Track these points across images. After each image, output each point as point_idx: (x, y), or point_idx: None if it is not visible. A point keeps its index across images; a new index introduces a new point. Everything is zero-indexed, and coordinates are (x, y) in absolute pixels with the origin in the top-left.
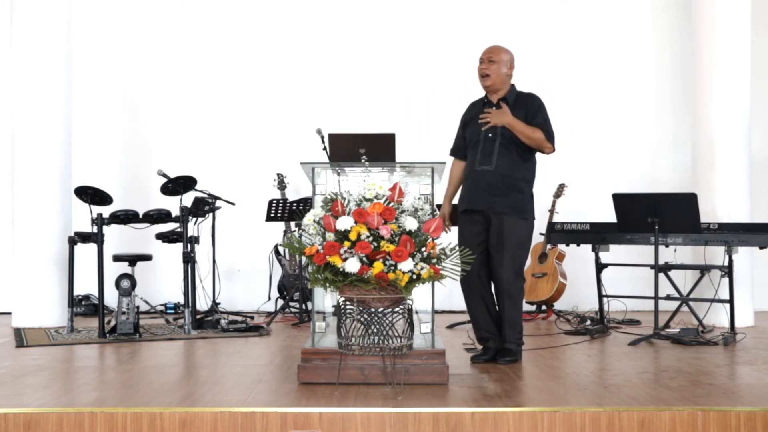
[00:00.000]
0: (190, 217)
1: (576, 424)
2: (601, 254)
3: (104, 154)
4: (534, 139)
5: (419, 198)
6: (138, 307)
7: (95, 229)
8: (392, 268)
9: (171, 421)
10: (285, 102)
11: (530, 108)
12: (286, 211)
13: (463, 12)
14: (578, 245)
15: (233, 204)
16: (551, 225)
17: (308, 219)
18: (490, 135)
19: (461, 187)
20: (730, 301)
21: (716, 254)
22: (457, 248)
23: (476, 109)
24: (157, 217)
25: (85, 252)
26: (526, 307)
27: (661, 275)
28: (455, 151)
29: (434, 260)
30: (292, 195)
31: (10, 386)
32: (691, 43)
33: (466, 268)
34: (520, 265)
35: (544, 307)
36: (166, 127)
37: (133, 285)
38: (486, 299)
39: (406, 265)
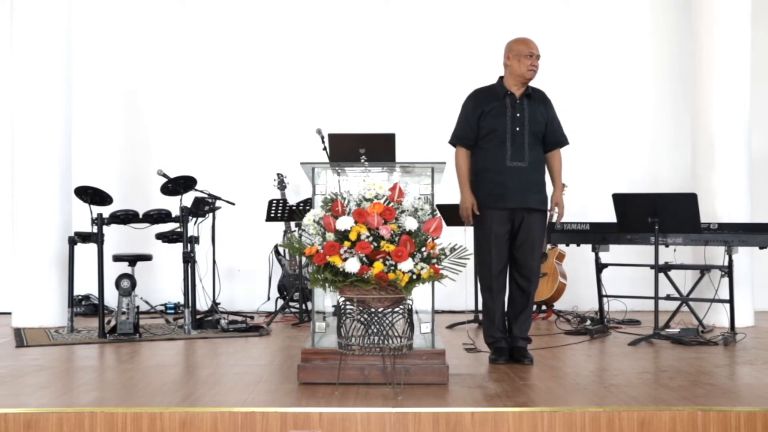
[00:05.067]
0: (190, 217)
1: (576, 424)
2: (601, 254)
3: (104, 154)
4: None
5: (419, 198)
6: (138, 307)
7: (95, 229)
8: (392, 268)
9: (171, 421)
10: (285, 102)
11: (549, 109)
12: (286, 211)
13: (463, 12)
14: (578, 245)
15: (233, 204)
16: (551, 225)
17: (308, 219)
18: (518, 129)
19: (478, 181)
20: (730, 301)
21: (716, 254)
22: (458, 247)
23: (496, 100)
24: (157, 217)
25: (85, 252)
26: None
27: (661, 275)
28: (464, 140)
29: (434, 260)
30: (292, 195)
31: (10, 386)
32: (691, 43)
33: (463, 266)
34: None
35: (544, 307)
36: (166, 127)
37: (133, 285)
38: (505, 296)
39: (406, 265)
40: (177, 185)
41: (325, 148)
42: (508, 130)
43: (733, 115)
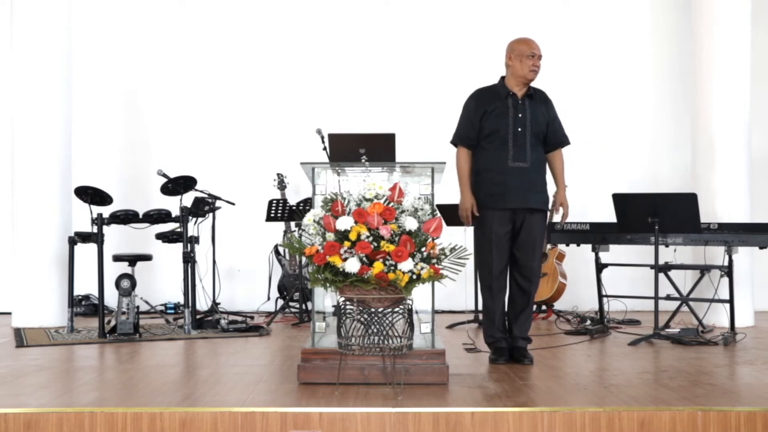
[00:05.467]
0: (190, 217)
1: (576, 424)
2: (601, 254)
3: (104, 154)
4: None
5: (419, 198)
6: (138, 307)
7: (95, 229)
8: (392, 268)
9: (171, 421)
10: (285, 102)
11: (551, 109)
12: (286, 211)
13: (463, 12)
14: (578, 245)
15: (233, 204)
16: (551, 225)
17: (308, 219)
18: (519, 129)
19: (479, 181)
20: (730, 301)
21: (716, 254)
22: (458, 247)
23: (498, 100)
24: (157, 217)
25: (85, 252)
26: None
27: (661, 275)
28: (466, 140)
29: (434, 260)
30: (292, 195)
31: (10, 386)
32: (691, 43)
33: (462, 266)
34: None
35: (544, 307)
36: (166, 127)
37: (133, 285)
38: (506, 296)
39: (406, 265)
40: (177, 185)
41: (325, 148)
42: (510, 131)
43: (733, 115)
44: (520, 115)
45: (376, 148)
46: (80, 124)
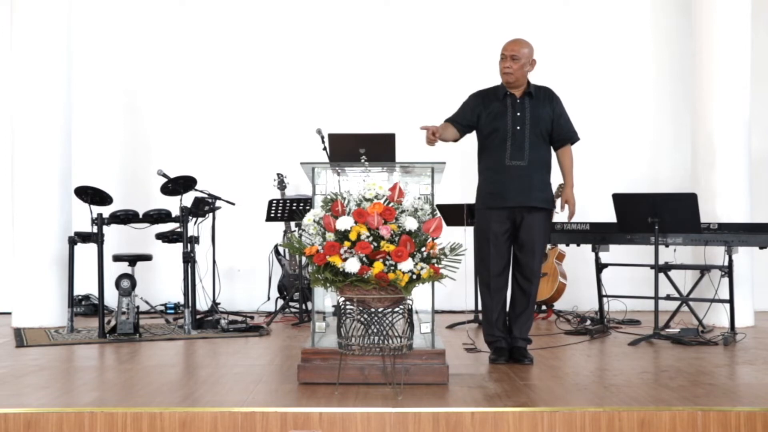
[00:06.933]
0: (190, 217)
1: (576, 424)
2: (601, 254)
3: (104, 154)
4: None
5: (419, 198)
6: (138, 307)
7: (95, 229)
8: (392, 268)
9: (171, 421)
10: (285, 102)
11: (556, 106)
12: (286, 211)
13: (463, 12)
14: (578, 245)
15: (233, 204)
16: (551, 224)
17: (308, 219)
18: (518, 128)
19: (481, 181)
20: (730, 301)
21: (716, 254)
22: (456, 246)
23: (497, 100)
24: (157, 217)
25: (85, 252)
26: None
27: (661, 275)
28: (455, 123)
29: (434, 260)
30: (292, 195)
31: (10, 386)
32: (691, 43)
33: (458, 262)
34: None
35: (544, 307)
36: (166, 127)
37: (133, 285)
38: (505, 296)
39: (406, 265)
40: (177, 185)
41: (325, 148)
42: (509, 129)
43: (733, 115)
44: (518, 114)
45: (376, 148)
46: (80, 124)
